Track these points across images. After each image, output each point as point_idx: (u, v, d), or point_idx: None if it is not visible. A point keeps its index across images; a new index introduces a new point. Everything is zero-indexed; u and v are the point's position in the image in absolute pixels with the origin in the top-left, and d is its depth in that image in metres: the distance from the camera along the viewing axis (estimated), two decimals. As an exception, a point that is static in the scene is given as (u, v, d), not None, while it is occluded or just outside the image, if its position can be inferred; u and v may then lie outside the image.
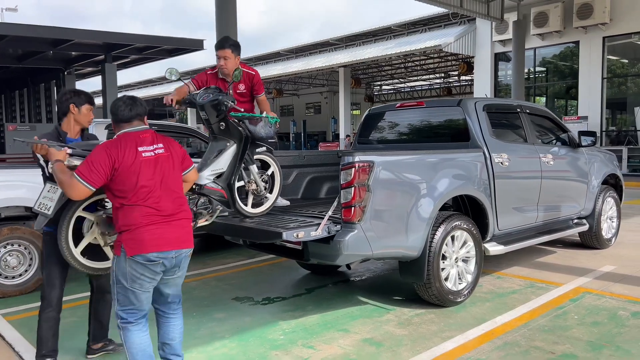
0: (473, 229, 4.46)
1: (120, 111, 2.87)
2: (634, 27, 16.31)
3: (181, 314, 3.06)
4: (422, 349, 3.49)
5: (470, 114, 4.81)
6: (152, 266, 2.74)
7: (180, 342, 3.02)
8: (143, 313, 2.88)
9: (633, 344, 3.50)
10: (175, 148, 2.95)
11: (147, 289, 2.81)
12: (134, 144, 2.78)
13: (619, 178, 6.63)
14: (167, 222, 2.77)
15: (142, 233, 2.70)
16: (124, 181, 2.73)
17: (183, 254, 2.84)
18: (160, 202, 2.77)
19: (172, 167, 2.87)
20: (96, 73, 17.25)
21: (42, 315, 3.28)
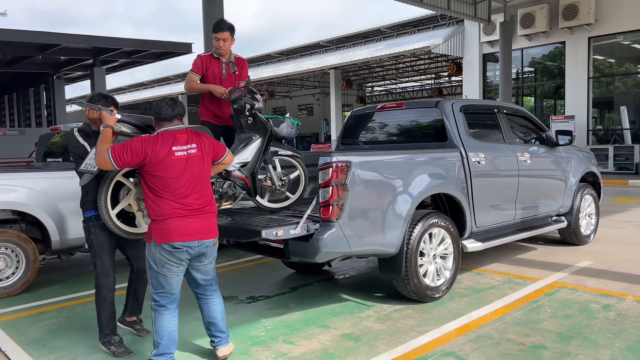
0: (450, 226, 4.58)
1: (162, 111, 3.19)
2: (618, 27, 16.55)
3: (219, 295, 3.40)
4: (399, 343, 3.61)
5: (447, 114, 4.94)
6: (177, 253, 3.07)
7: (223, 320, 3.37)
8: (174, 297, 3.20)
9: (600, 335, 3.63)
10: (206, 145, 3.22)
11: (175, 273, 3.13)
12: (170, 143, 3.08)
13: (597, 176, 6.79)
14: (192, 215, 3.09)
15: (169, 224, 3.03)
16: (155, 175, 3.05)
17: (206, 244, 3.14)
18: (187, 197, 3.08)
19: (201, 165, 3.16)
20: (85, 77, 17.31)
21: (102, 302, 3.56)
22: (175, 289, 3.20)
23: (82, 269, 6.19)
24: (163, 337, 3.16)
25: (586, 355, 3.33)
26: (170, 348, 3.20)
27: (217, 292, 3.41)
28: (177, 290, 3.21)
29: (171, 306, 3.21)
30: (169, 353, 3.20)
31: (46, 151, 6.38)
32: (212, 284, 3.37)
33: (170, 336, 3.19)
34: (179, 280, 3.20)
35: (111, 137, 3.21)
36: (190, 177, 3.11)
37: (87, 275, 5.81)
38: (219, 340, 3.39)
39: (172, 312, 3.22)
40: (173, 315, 3.22)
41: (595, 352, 3.36)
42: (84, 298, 4.91)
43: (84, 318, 4.34)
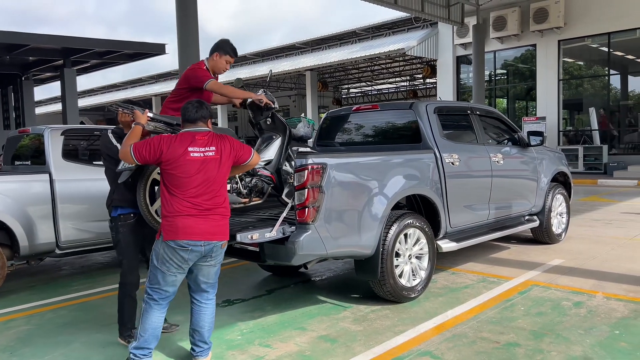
0: (425, 226, 4.62)
1: (187, 112, 3.24)
2: (587, 30, 17.00)
3: (212, 306, 3.37)
4: (375, 344, 3.62)
5: (421, 116, 4.99)
6: (182, 252, 3.07)
7: (209, 330, 3.36)
8: (166, 295, 3.22)
9: (572, 332, 3.71)
10: (227, 149, 3.21)
11: (173, 273, 3.14)
12: (187, 143, 3.12)
13: (567, 176, 6.94)
14: (202, 215, 3.09)
15: (177, 222, 3.06)
16: (169, 173, 3.11)
17: (212, 245, 3.13)
18: (198, 197, 3.09)
19: (217, 168, 3.16)
20: (55, 78, 16.94)
21: (127, 298, 3.71)
22: (170, 288, 3.21)
23: (52, 274, 6.04)
24: (147, 332, 3.20)
25: (558, 351, 3.39)
26: (150, 343, 3.23)
27: (212, 303, 3.38)
28: (172, 289, 3.23)
29: (162, 302, 3.24)
30: (149, 348, 3.23)
31: (14, 154, 6.22)
32: (210, 293, 3.35)
33: (154, 332, 3.22)
34: (176, 281, 3.20)
35: (139, 134, 3.33)
36: (204, 178, 3.12)
37: (57, 281, 5.68)
38: (200, 350, 3.35)
39: (162, 309, 3.25)
40: (161, 311, 3.25)
41: (567, 349, 3.42)
42: (55, 304, 4.80)
43: (54, 325, 4.24)
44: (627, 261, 5.63)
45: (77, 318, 4.41)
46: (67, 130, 5.72)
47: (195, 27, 9.75)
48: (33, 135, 5.94)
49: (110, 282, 5.49)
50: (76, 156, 5.85)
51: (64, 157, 5.44)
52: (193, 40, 9.69)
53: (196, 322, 3.33)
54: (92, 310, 4.59)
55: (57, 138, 5.48)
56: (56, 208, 5.24)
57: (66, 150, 5.53)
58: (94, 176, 5.56)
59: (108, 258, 6.81)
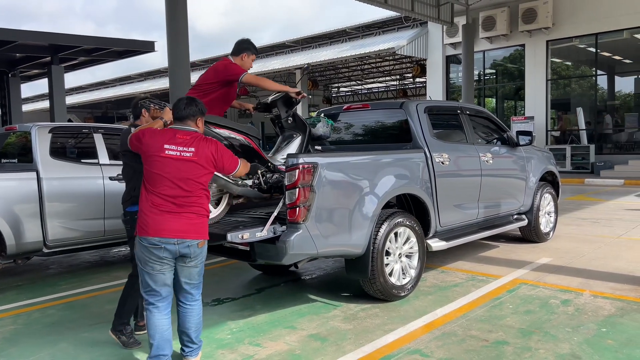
0: (415, 225, 4.64)
1: (175, 109, 3.23)
2: (575, 31, 17.16)
3: (198, 307, 3.29)
4: (365, 342, 3.63)
5: (412, 115, 5.00)
6: (156, 250, 3.04)
7: (196, 331, 3.28)
8: (161, 297, 3.15)
9: (560, 329, 3.75)
10: (205, 155, 3.11)
11: (158, 271, 3.09)
12: (164, 140, 3.09)
13: (555, 175, 7.00)
14: (173, 213, 3.05)
15: (148, 218, 3.05)
16: (146, 168, 3.12)
17: (186, 244, 3.06)
18: (172, 195, 3.06)
19: (193, 170, 3.09)
20: (43, 75, 16.75)
21: (133, 291, 3.67)
22: (161, 288, 3.14)
23: (40, 273, 5.98)
24: (155, 337, 3.13)
25: (546, 349, 3.42)
26: (164, 349, 3.13)
27: (197, 304, 3.29)
28: (164, 289, 3.15)
29: (160, 304, 3.16)
30: (164, 355, 3.13)
31: (1, 152, 6.14)
32: (194, 295, 3.26)
33: (162, 336, 3.14)
34: (166, 278, 3.13)
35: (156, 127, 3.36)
36: (180, 177, 3.06)
37: (45, 280, 5.62)
38: (189, 350, 3.30)
39: (162, 311, 3.16)
40: (163, 314, 3.17)
41: (555, 347, 3.46)
42: (42, 304, 4.75)
43: (41, 324, 4.20)
44: (614, 259, 5.70)
45: (65, 317, 4.36)
46: (54, 127, 5.67)
47: (185, 24, 9.70)
48: (20, 132, 5.87)
49: (99, 281, 5.46)
50: (64, 154, 5.79)
51: (51, 155, 5.39)
52: (182, 37, 9.64)
53: (182, 324, 3.26)
54: (79, 310, 4.55)
55: (45, 136, 5.43)
56: (43, 206, 5.19)
57: (54, 148, 5.47)
58: (82, 174, 5.53)
59: (96, 257, 6.75)
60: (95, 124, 6.20)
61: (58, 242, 5.32)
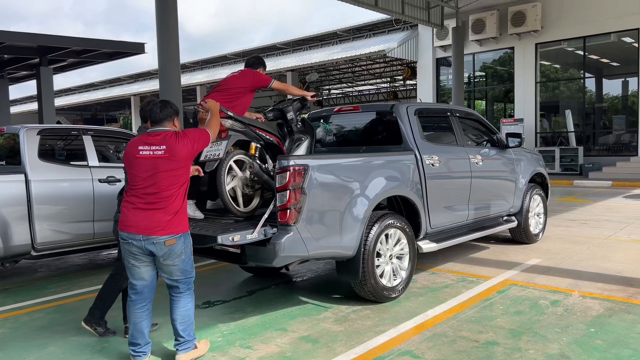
0: (406, 227, 4.65)
1: (152, 113, 3.38)
2: (563, 34, 17.34)
3: (184, 300, 3.38)
4: (356, 344, 3.63)
5: (402, 118, 5.02)
6: (126, 245, 3.23)
7: (182, 324, 3.37)
8: (136, 291, 3.33)
9: (549, 330, 3.78)
10: (179, 147, 3.23)
11: (134, 265, 3.27)
12: (139, 144, 3.26)
13: (544, 176, 7.06)
14: (142, 210, 3.19)
15: (122, 215, 3.27)
16: (127, 170, 3.32)
17: (151, 241, 3.17)
18: (143, 193, 3.21)
19: (165, 165, 3.20)
20: (31, 77, 16.61)
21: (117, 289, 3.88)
22: (137, 282, 3.32)
23: (28, 276, 5.92)
24: (130, 327, 3.37)
25: (536, 350, 3.45)
26: (137, 338, 3.33)
27: (183, 297, 3.39)
28: (139, 283, 3.32)
29: (135, 297, 3.34)
30: (137, 343, 3.32)
31: (-12, 154, 6.07)
32: (179, 287, 3.37)
33: (136, 327, 3.33)
34: (141, 273, 3.30)
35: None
36: (151, 174, 3.19)
37: (33, 283, 5.56)
38: (177, 343, 3.40)
39: (137, 304, 3.33)
40: (137, 307, 3.33)
41: (545, 347, 3.48)
42: (31, 307, 4.70)
43: (30, 328, 4.15)
44: (602, 260, 5.76)
45: (53, 321, 4.32)
46: (43, 129, 5.62)
47: (175, 25, 9.67)
48: (8, 134, 5.81)
49: (88, 284, 5.41)
50: (53, 156, 5.75)
51: (40, 157, 5.34)
52: (173, 39, 9.62)
53: (170, 315, 3.40)
54: (68, 313, 4.51)
55: (33, 138, 5.38)
56: (32, 209, 5.14)
57: (42, 150, 5.42)
58: (71, 176, 5.48)
59: (85, 260, 6.70)
60: (85, 125, 6.16)
61: (47, 244, 5.27)
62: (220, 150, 4.14)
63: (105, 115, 40.62)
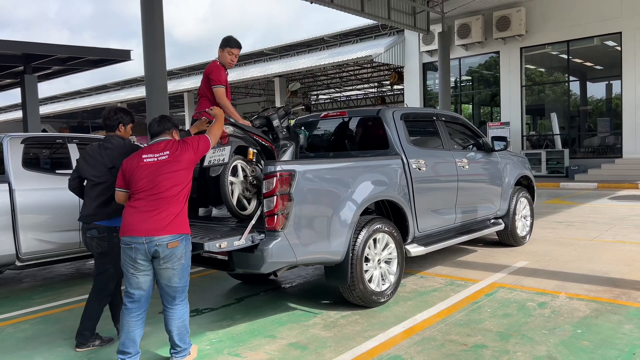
0: (394, 231, 4.67)
1: (151, 127, 3.54)
2: (547, 38, 17.57)
3: (180, 311, 3.38)
4: (345, 349, 3.62)
5: (388, 122, 5.05)
6: (128, 250, 3.23)
7: (179, 335, 3.38)
8: (132, 299, 3.32)
9: (537, 332, 3.80)
10: (181, 152, 3.36)
11: (132, 274, 3.27)
12: (142, 153, 3.38)
13: (531, 179, 7.12)
14: (145, 212, 3.23)
15: (124, 218, 3.30)
16: (129, 179, 3.36)
17: (154, 242, 3.18)
18: (146, 195, 3.26)
19: (168, 167, 3.30)
20: (15, 85, 16.43)
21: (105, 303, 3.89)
22: (134, 291, 3.31)
23: (12, 287, 5.84)
24: (122, 334, 3.36)
25: (524, 352, 3.46)
26: (128, 347, 3.32)
27: (179, 308, 3.38)
28: (137, 292, 3.31)
29: (130, 306, 3.33)
30: (127, 352, 3.32)
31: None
32: (175, 298, 3.36)
33: (128, 335, 3.33)
34: (139, 282, 3.30)
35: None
36: (154, 176, 3.27)
37: (18, 294, 5.49)
38: (174, 352, 3.43)
39: (131, 313, 3.33)
40: (132, 316, 3.33)
41: (532, 349, 3.50)
42: (16, 318, 4.63)
43: (15, 339, 4.09)
44: (588, 262, 5.81)
45: (39, 332, 4.26)
46: (27, 138, 5.55)
47: (161, 31, 9.63)
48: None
49: (74, 294, 5.35)
50: (37, 165, 5.68)
51: (24, 166, 5.27)
52: (159, 45, 9.57)
53: (165, 326, 3.40)
54: (54, 324, 4.45)
55: (17, 147, 5.31)
56: (16, 219, 5.07)
57: (27, 158, 5.36)
58: (56, 185, 5.42)
59: (72, 269, 6.62)
60: (70, 134, 6.10)
61: (32, 254, 5.20)
62: (225, 155, 4.20)
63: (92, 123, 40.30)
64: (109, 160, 3.76)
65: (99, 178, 3.76)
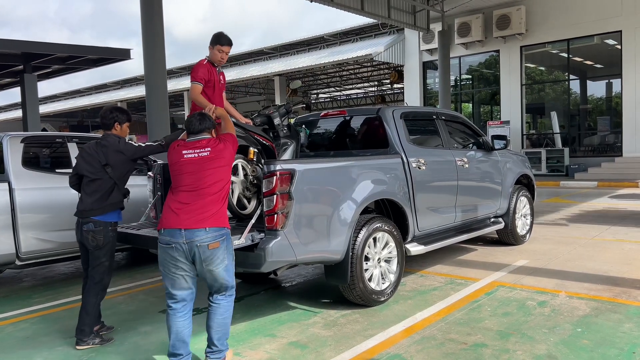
0: (394, 230, 4.66)
1: (191, 125, 3.45)
2: (547, 37, 17.55)
3: (224, 308, 3.34)
4: (345, 348, 3.62)
5: (388, 121, 5.04)
6: (169, 250, 3.18)
7: (218, 332, 3.33)
8: (176, 300, 3.26)
9: (537, 331, 3.80)
10: (221, 147, 3.34)
11: (172, 273, 3.21)
12: (182, 149, 3.36)
13: (530, 178, 7.12)
14: (186, 205, 3.21)
15: (164, 215, 3.27)
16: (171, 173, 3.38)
17: (196, 242, 3.13)
18: (187, 190, 3.25)
19: (210, 163, 3.29)
20: (15, 84, 16.42)
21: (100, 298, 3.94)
22: (177, 291, 3.25)
23: (12, 286, 5.84)
24: (170, 337, 3.27)
25: (524, 350, 3.46)
26: (178, 348, 3.25)
27: (223, 305, 3.35)
28: (180, 293, 3.26)
29: (175, 306, 3.27)
30: (179, 354, 3.25)
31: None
32: (219, 294, 3.34)
33: (177, 336, 3.25)
34: (181, 283, 3.24)
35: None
36: (196, 172, 3.27)
37: (18, 293, 5.49)
38: (209, 351, 3.38)
39: (177, 314, 3.27)
40: (178, 317, 3.27)
41: (532, 348, 3.50)
42: (15, 317, 4.63)
43: (14, 339, 4.09)
44: (588, 260, 5.81)
45: (39, 331, 4.26)
46: (27, 137, 5.56)
47: (161, 30, 9.63)
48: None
49: (74, 293, 5.34)
50: (37, 164, 5.69)
51: (24, 165, 5.28)
52: (159, 44, 9.57)
53: (207, 320, 3.37)
54: (54, 323, 4.45)
55: (17, 146, 5.32)
56: (16, 218, 5.08)
57: (26, 158, 5.36)
58: (56, 184, 5.42)
59: (71, 268, 6.62)
60: (69, 132, 6.10)
61: (32, 254, 5.20)
62: None
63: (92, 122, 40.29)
64: (104, 157, 3.86)
65: (94, 174, 3.86)
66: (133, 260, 6.91)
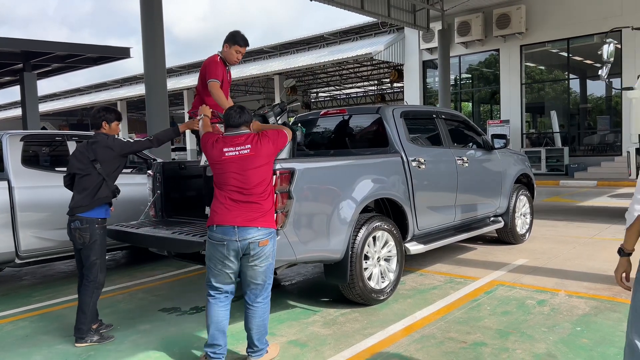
0: (394, 229, 4.66)
1: (231, 118, 3.40)
2: (547, 36, 17.54)
3: (261, 310, 3.35)
4: (345, 347, 3.62)
5: (388, 120, 5.04)
6: (220, 247, 3.19)
7: (258, 333, 3.34)
8: (219, 292, 3.31)
9: (536, 329, 3.80)
10: (262, 145, 3.33)
11: (219, 269, 3.25)
12: (223, 146, 3.33)
13: (530, 177, 7.12)
14: (236, 202, 3.24)
15: (213, 212, 3.29)
16: (214, 171, 3.37)
17: (248, 238, 3.17)
18: (235, 190, 3.26)
19: (252, 162, 3.28)
20: (14, 82, 16.40)
21: (96, 296, 3.92)
22: (220, 284, 3.30)
23: (12, 284, 5.84)
24: (210, 327, 3.30)
25: (523, 349, 3.47)
26: (218, 339, 3.29)
27: (260, 306, 3.35)
28: (224, 287, 3.31)
29: (218, 296, 3.32)
30: (217, 345, 3.28)
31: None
32: (258, 296, 3.34)
33: (217, 327, 3.29)
34: (225, 278, 3.27)
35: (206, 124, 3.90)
36: (240, 172, 3.26)
37: (18, 292, 5.49)
38: (251, 351, 3.40)
39: (219, 303, 3.31)
40: (220, 306, 3.31)
41: (532, 346, 3.51)
42: (15, 316, 4.64)
43: (14, 337, 4.09)
44: (587, 259, 5.82)
45: (38, 329, 4.27)
46: (26, 135, 5.55)
47: (161, 29, 9.62)
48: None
49: (73, 291, 5.32)
50: (37, 162, 5.69)
51: (23, 163, 5.27)
52: (159, 42, 9.56)
53: (245, 323, 3.38)
54: (54, 321, 4.45)
55: (16, 144, 5.31)
56: (16, 216, 5.07)
57: (26, 156, 5.36)
58: (55, 183, 5.41)
59: (71, 267, 6.62)
60: (69, 131, 6.11)
61: (31, 252, 5.20)
62: None
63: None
64: (93, 153, 3.90)
65: (83, 171, 3.89)
66: (132, 259, 6.91)
